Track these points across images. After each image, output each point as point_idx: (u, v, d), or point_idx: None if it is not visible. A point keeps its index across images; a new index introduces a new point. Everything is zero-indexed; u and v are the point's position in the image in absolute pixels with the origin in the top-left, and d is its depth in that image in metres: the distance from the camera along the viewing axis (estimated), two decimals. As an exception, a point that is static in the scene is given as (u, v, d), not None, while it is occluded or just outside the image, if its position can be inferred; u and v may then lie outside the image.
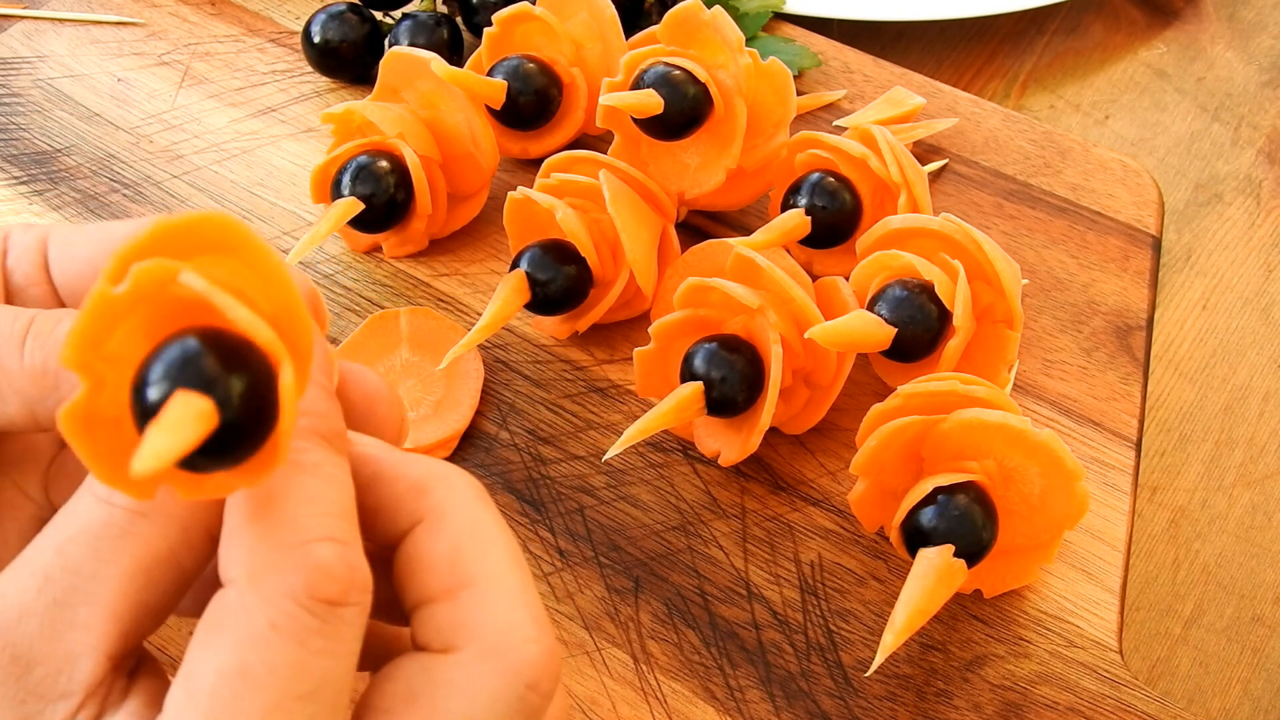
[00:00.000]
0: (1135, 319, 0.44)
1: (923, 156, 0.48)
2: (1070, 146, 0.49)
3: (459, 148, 0.44)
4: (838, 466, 0.40)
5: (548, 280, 0.40)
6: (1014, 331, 0.38)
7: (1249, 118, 0.57)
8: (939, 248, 0.39)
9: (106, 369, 0.18)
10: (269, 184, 0.48)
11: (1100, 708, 0.35)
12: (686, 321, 0.39)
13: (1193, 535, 0.44)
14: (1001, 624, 0.36)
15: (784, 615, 0.37)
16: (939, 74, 0.58)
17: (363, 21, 0.50)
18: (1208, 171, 0.55)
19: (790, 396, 0.39)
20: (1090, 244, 0.46)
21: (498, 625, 0.21)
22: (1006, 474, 0.35)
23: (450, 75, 0.42)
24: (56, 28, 0.54)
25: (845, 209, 0.42)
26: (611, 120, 0.43)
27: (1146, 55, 0.60)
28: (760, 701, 0.35)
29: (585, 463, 0.40)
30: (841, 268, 0.43)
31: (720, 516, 0.39)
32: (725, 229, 0.47)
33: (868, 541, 0.38)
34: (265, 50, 0.53)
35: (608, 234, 0.41)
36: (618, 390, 0.42)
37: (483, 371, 0.41)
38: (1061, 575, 0.37)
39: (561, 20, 0.46)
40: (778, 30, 0.54)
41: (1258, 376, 0.48)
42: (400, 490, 0.22)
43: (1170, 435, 0.46)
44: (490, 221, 0.46)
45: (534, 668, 0.21)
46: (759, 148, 0.42)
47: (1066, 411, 0.41)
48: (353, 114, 0.44)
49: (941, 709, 0.35)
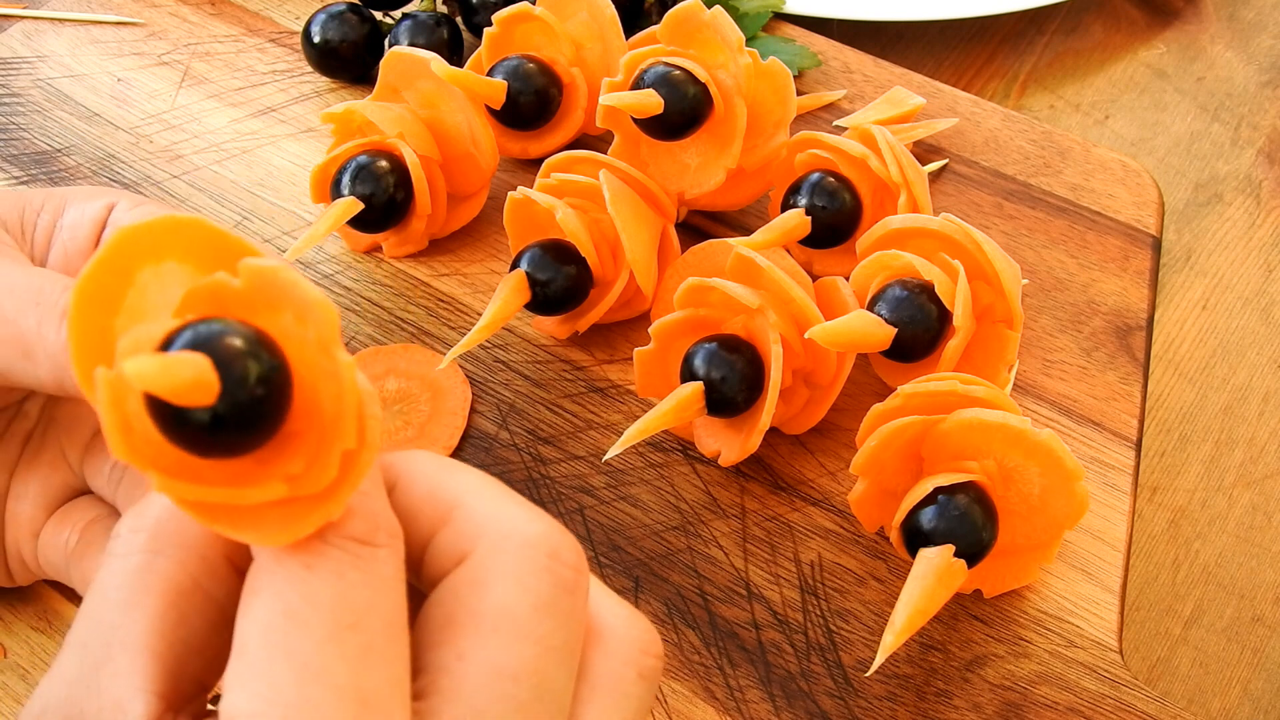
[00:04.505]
0: (1135, 319, 0.44)
1: (923, 156, 0.48)
2: (1070, 146, 0.49)
3: (459, 148, 0.44)
4: (838, 466, 0.40)
5: (548, 280, 0.40)
6: (1014, 331, 0.38)
7: (1249, 118, 0.57)
8: (939, 248, 0.39)
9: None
10: (269, 184, 0.48)
11: (1100, 708, 0.35)
12: (686, 321, 0.39)
13: (1193, 535, 0.44)
14: (1001, 624, 0.36)
15: (784, 615, 0.37)
16: (939, 74, 0.58)
17: (363, 21, 0.50)
18: (1208, 171, 0.55)
19: (790, 396, 0.39)
20: (1090, 244, 0.46)
21: (496, 519, 0.21)
22: (1006, 474, 0.35)
23: (450, 75, 0.42)
24: (56, 28, 0.54)
25: (845, 209, 0.42)
26: (611, 120, 0.43)
27: (1146, 55, 0.60)
28: (760, 701, 0.35)
29: (585, 463, 0.40)
30: (841, 268, 0.43)
31: (720, 516, 0.39)
32: (725, 229, 0.47)
33: (868, 541, 0.38)
34: (265, 50, 0.53)
35: (608, 234, 0.41)
36: (618, 390, 0.42)
37: (469, 393, 0.41)
38: (1061, 575, 0.37)
39: (561, 20, 0.46)
40: (778, 30, 0.54)
41: (1258, 376, 0.48)
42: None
43: (1170, 435, 0.46)
44: (490, 221, 0.46)
45: (546, 538, 0.21)
46: (759, 148, 0.42)
47: (1066, 411, 0.41)
48: (353, 114, 0.44)
49: (941, 709, 0.35)
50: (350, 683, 0.18)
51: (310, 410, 0.19)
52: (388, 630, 0.19)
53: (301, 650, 0.18)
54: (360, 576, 0.19)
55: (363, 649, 0.19)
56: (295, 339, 0.18)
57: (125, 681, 0.20)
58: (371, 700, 0.19)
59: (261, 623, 0.19)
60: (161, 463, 0.18)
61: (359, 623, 0.19)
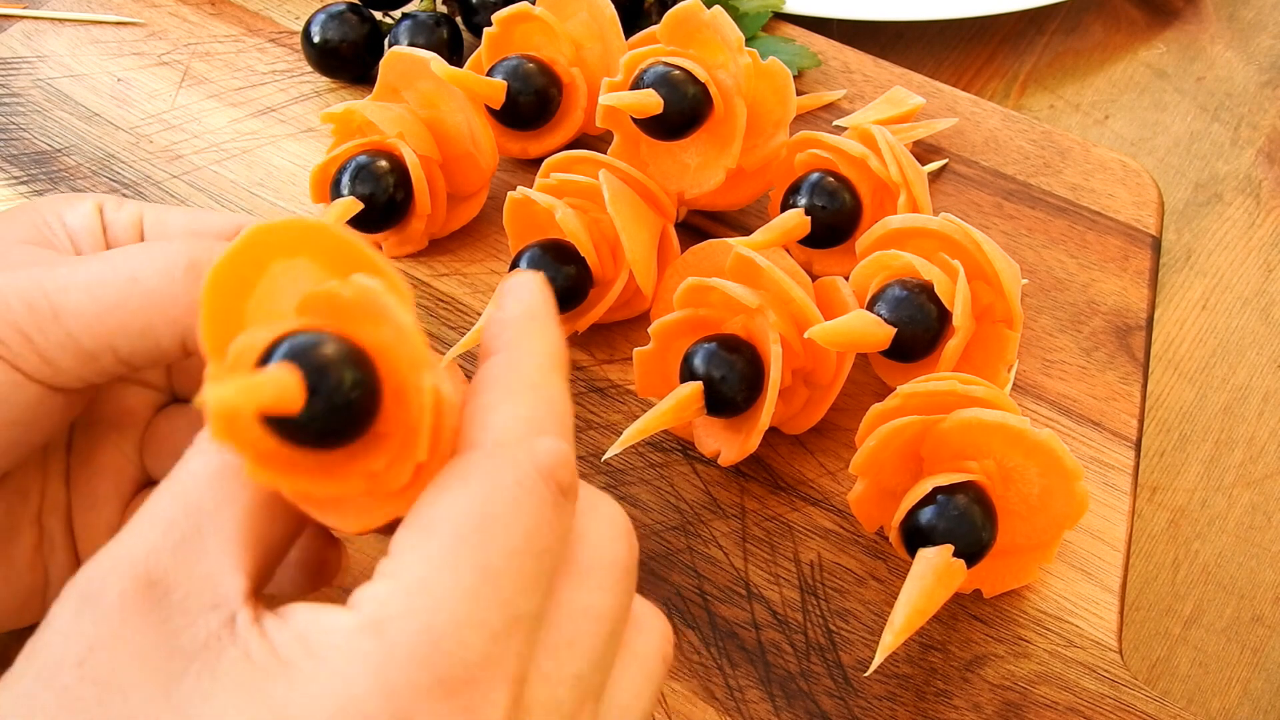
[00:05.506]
0: (1135, 319, 0.44)
1: (923, 156, 0.48)
2: (1070, 146, 0.49)
3: (459, 148, 0.44)
4: (838, 466, 0.40)
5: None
6: (1014, 331, 0.38)
7: (1249, 118, 0.57)
8: (939, 248, 0.39)
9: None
10: (269, 184, 0.48)
11: (1100, 707, 0.35)
12: (686, 321, 0.39)
13: (1193, 535, 0.44)
14: (1001, 624, 0.36)
15: (784, 615, 0.37)
16: (939, 74, 0.58)
17: (363, 21, 0.50)
18: (1208, 171, 0.55)
19: (790, 396, 0.39)
20: (1090, 244, 0.46)
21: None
22: (1006, 474, 0.35)
23: (450, 75, 0.42)
24: (56, 28, 0.54)
25: (845, 209, 0.42)
26: (611, 120, 0.43)
27: (1146, 55, 0.60)
28: (760, 701, 0.35)
29: (585, 463, 0.40)
30: (841, 268, 0.43)
31: (720, 516, 0.39)
32: (725, 229, 0.47)
33: (867, 541, 0.38)
34: (265, 50, 0.53)
35: (608, 234, 0.41)
36: (618, 390, 0.42)
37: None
38: (1061, 575, 0.37)
39: (561, 20, 0.46)
40: (778, 30, 0.54)
41: (1258, 376, 0.48)
42: None
43: (1170, 435, 0.46)
44: (490, 221, 0.46)
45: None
46: (759, 148, 0.42)
47: (1066, 411, 0.41)
48: (353, 114, 0.44)
49: (941, 709, 0.35)
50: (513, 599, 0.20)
51: (398, 417, 0.21)
52: (550, 577, 0.21)
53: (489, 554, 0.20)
54: (554, 517, 0.21)
55: (533, 577, 0.20)
56: (390, 354, 0.21)
57: (217, 560, 0.20)
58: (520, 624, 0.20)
59: (461, 511, 0.20)
60: (257, 450, 0.20)
61: (543, 554, 0.20)
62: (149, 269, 0.26)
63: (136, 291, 0.26)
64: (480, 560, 0.20)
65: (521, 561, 0.20)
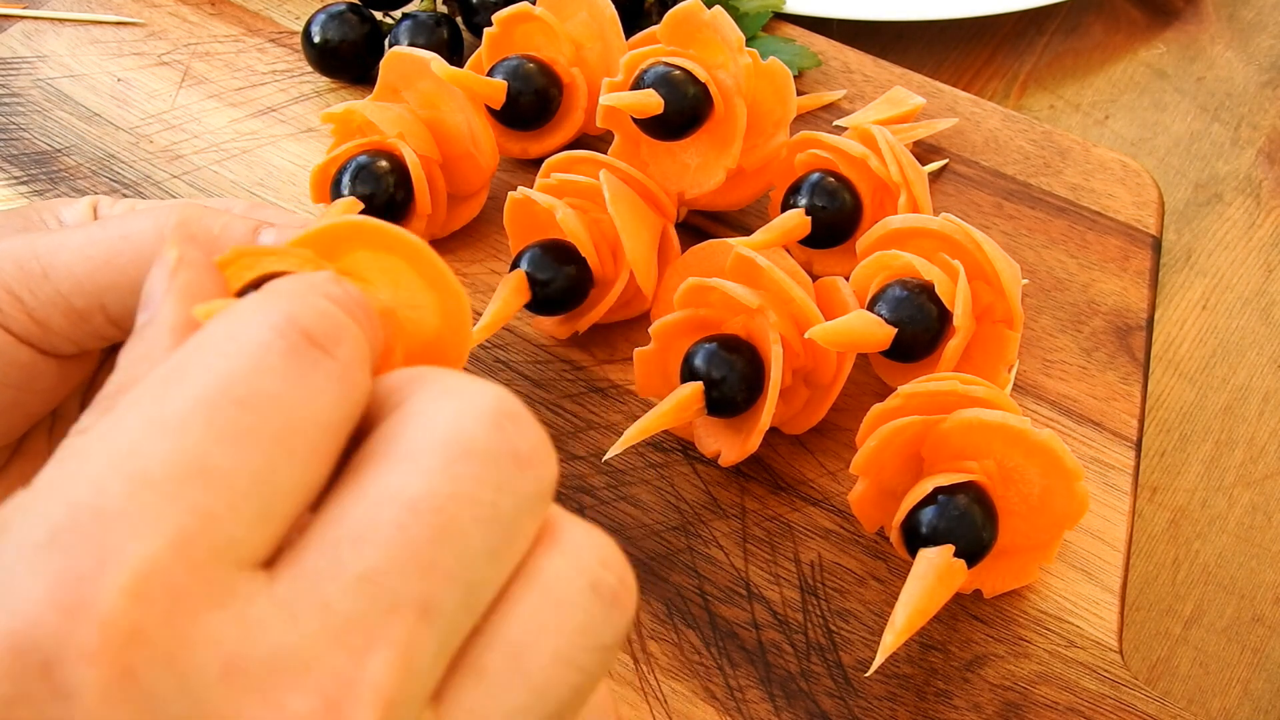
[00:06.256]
0: (1135, 319, 0.44)
1: (923, 156, 0.48)
2: (1070, 146, 0.49)
3: (459, 148, 0.44)
4: (838, 466, 0.40)
5: (548, 280, 0.40)
6: (1014, 331, 0.38)
7: (1249, 118, 0.57)
8: (939, 248, 0.39)
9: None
10: (269, 184, 0.48)
11: (1100, 708, 0.35)
12: (686, 321, 0.39)
13: (1193, 535, 0.44)
14: (1001, 624, 0.36)
15: (784, 615, 0.37)
16: (939, 74, 0.58)
17: (363, 21, 0.50)
18: (1208, 171, 0.55)
19: (790, 396, 0.39)
20: (1090, 244, 0.46)
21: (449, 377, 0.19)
22: (1006, 474, 0.35)
23: (450, 75, 0.42)
24: (56, 28, 0.54)
25: (845, 209, 0.42)
26: (611, 120, 0.43)
27: (1146, 55, 0.60)
28: (760, 701, 0.35)
29: (585, 463, 0.40)
30: (841, 268, 0.43)
31: (720, 516, 0.39)
32: (725, 229, 0.47)
33: (868, 541, 0.38)
34: (265, 50, 0.53)
35: (608, 234, 0.41)
36: (618, 390, 0.42)
37: None
38: (1061, 575, 0.37)
39: (561, 20, 0.46)
40: (778, 30, 0.54)
41: (1258, 376, 0.48)
42: None
43: (1170, 435, 0.46)
44: (490, 221, 0.46)
45: (504, 399, 0.18)
46: (759, 148, 0.42)
47: (1066, 411, 0.41)
48: (353, 114, 0.44)
49: (941, 709, 0.35)
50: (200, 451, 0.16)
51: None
52: (284, 434, 0.17)
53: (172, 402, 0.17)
54: (288, 369, 0.17)
55: (238, 430, 0.17)
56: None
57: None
58: (214, 478, 0.16)
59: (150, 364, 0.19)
60: None
61: (249, 402, 0.17)
62: (139, 226, 0.26)
63: (127, 248, 0.25)
64: (152, 411, 0.17)
65: (211, 411, 0.16)
